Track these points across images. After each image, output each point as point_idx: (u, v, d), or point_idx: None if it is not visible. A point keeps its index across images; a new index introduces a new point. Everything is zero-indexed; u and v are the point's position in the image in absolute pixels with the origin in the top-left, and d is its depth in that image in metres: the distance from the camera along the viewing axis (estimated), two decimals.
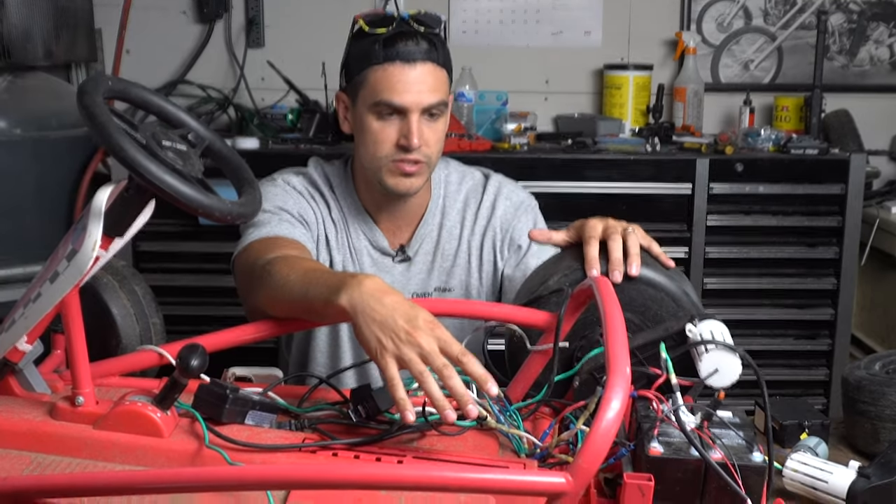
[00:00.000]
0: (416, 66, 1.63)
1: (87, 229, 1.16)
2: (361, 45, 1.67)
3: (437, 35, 1.67)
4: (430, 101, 1.65)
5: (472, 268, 1.83)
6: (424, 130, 1.66)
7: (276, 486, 1.05)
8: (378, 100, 1.64)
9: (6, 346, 1.24)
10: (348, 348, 1.79)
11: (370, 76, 1.65)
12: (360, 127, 1.70)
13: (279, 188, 1.77)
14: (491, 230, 1.82)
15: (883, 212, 3.08)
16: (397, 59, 1.63)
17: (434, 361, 1.17)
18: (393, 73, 1.63)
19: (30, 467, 1.16)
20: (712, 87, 3.34)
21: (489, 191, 1.84)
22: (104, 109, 1.13)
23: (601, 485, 1.14)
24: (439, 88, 1.66)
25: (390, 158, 1.67)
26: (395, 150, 1.66)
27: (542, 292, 1.41)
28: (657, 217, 2.82)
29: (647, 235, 1.44)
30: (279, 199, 1.73)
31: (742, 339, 2.79)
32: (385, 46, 1.63)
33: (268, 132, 3.04)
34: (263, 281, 1.48)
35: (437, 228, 1.82)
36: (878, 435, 1.55)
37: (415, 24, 1.65)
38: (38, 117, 2.78)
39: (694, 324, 1.28)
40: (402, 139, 1.65)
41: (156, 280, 2.77)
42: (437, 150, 1.71)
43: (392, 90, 1.63)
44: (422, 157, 1.67)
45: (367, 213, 1.79)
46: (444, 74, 1.68)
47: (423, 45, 1.64)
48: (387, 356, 1.19)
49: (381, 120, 1.66)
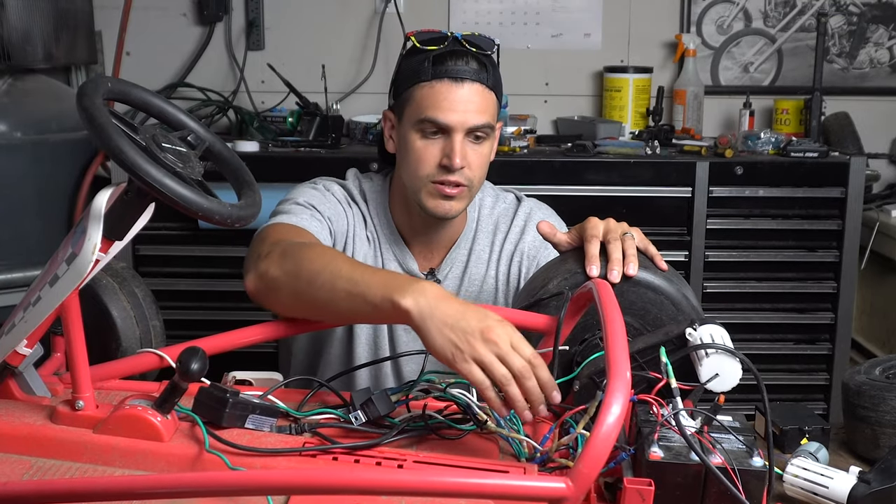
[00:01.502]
0: (463, 84, 1.61)
1: (86, 232, 1.16)
2: (411, 63, 1.65)
3: (488, 57, 1.65)
4: (475, 122, 1.62)
5: (499, 293, 1.80)
6: (468, 152, 1.63)
7: (277, 490, 1.05)
8: (423, 117, 1.62)
9: (6, 349, 1.24)
10: (363, 353, 1.77)
11: (417, 93, 1.63)
12: (404, 145, 1.67)
13: (318, 191, 1.74)
14: (518, 255, 1.79)
15: (883, 215, 3.08)
16: (445, 77, 1.61)
17: (513, 363, 1.18)
18: (440, 91, 1.61)
19: (30, 472, 1.16)
20: (712, 90, 3.34)
21: (520, 215, 1.81)
22: (104, 111, 1.12)
23: (601, 489, 1.13)
24: (486, 110, 1.64)
25: (431, 179, 1.64)
26: (437, 170, 1.64)
27: (543, 295, 1.41)
28: (657, 220, 2.82)
29: (645, 238, 1.45)
30: (315, 199, 1.71)
31: (742, 343, 2.80)
32: (434, 64, 1.61)
33: (268, 135, 3.04)
34: (296, 256, 1.42)
35: (468, 253, 1.79)
36: (878, 440, 1.55)
37: (466, 45, 1.63)
38: (37, 120, 2.79)
39: (694, 328, 1.28)
40: (444, 159, 1.62)
41: (155, 283, 2.77)
42: (481, 174, 1.69)
43: (438, 108, 1.61)
44: (463, 179, 1.64)
45: (399, 235, 1.76)
46: (492, 97, 1.65)
47: (472, 64, 1.62)
48: (466, 361, 1.19)
49: (425, 138, 1.64)
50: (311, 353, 1.84)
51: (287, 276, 1.41)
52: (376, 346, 1.77)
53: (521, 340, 1.21)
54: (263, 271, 1.44)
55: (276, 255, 1.45)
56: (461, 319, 1.21)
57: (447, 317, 1.22)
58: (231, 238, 2.75)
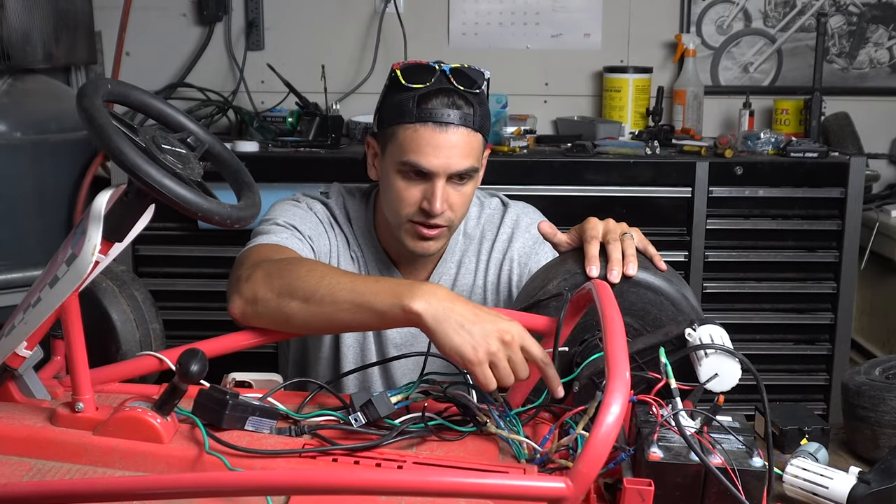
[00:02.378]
0: (448, 130, 1.56)
1: (86, 233, 1.16)
2: (395, 98, 1.60)
3: (476, 94, 1.60)
4: (459, 168, 1.58)
5: (488, 302, 1.77)
6: (451, 194, 1.61)
7: (277, 491, 1.05)
8: (405, 159, 1.58)
9: (6, 351, 1.24)
10: (350, 354, 1.77)
11: (400, 133, 1.59)
12: (386, 181, 1.64)
13: (300, 209, 1.71)
14: (507, 263, 1.76)
15: (883, 215, 3.08)
16: (430, 121, 1.56)
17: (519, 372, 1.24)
18: (423, 135, 1.56)
19: (30, 473, 1.16)
20: (712, 90, 3.34)
21: (506, 223, 1.78)
22: (104, 112, 1.12)
23: (601, 490, 1.14)
24: (471, 154, 1.59)
25: (410, 219, 1.62)
26: (417, 212, 1.61)
27: (542, 296, 1.41)
28: (657, 220, 2.82)
29: (645, 238, 1.45)
30: (296, 219, 1.67)
31: (741, 343, 2.80)
32: (419, 105, 1.56)
33: (267, 135, 3.04)
34: (285, 273, 1.40)
35: (456, 266, 1.77)
36: (878, 441, 1.55)
37: (454, 81, 1.57)
38: (37, 120, 2.78)
39: (693, 328, 1.29)
40: (424, 202, 1.59)
41: (155, 284, 2.77)
42: (463, 212, 1.66)
43: (420, 152, 1.57)
44: (444, 221, 1.62)
45: (384, 253, 1.74)
46: (478, 139, 1.61)
47: (459, 107, 1.57)
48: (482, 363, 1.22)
49: (406, 180, 1.60)
50: (301, 356, 1.84)
51: (278, 295, 1.38)
52: (363, 348, 1.76)
53: (532, 343, 1.24)
54: (250, 294, 1.41)
55: (259, 275, 1.42)
56: (476, 321, 1.24)
57: (462, 318, 1.24)
58: (231, 238, 2.74)
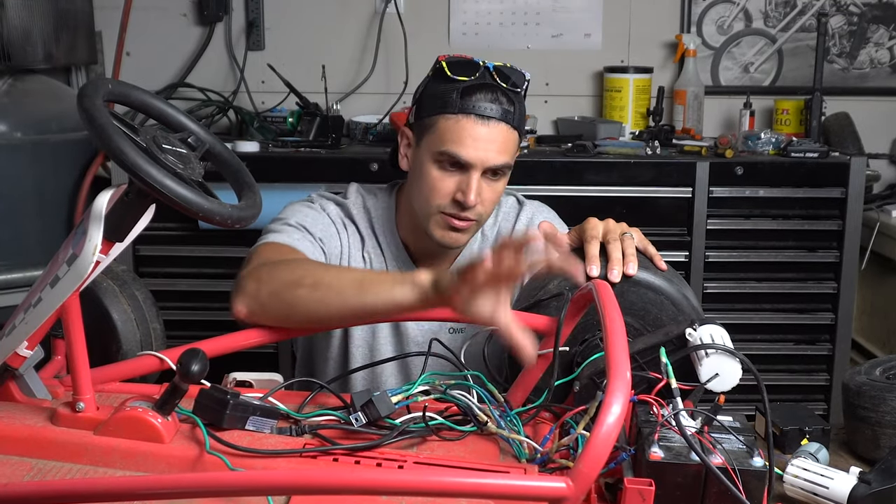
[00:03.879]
0: (489, 123, 1.59)
1: (87, 233, 1.16)
2: (438, 89, 1.61)
3: (518, 94, 1.62)
4: (495, 163, 1.60)
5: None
6: (484, 188, 1.62)
7: (277, 491, 1.05)
8: (443, 149, 1.60)
9: (7, 351, 1.24)
10: (359, 353, 1.77)
11: (441, 123, 1.60)
12: (419, 171, 1.65)
13: (313, 210, 1.72)
14: None
15: (883, 215, 3.08)
16: (472, 114, 1.58)
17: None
18: (465, 127, 1.58)
19: (30, 473, 1.16)
20: (712, 90, 3.34)
21: (521, 219, 1.80)
22: (104, 112, 1.12)
23: (602, 490, 1.14)
24: (507, 150, 1.62)
25: (442, 210, 1.63)
26: (450, 203, 1.62)
27: (543, 296, 1.42)
28: (657, 220, 2.82)
29: (645, 238, 1.45)
30: (308, 220, 1.68)
31: (742, 343, 2.79)
32: (462, 97, 1.58)
33: (268, 135, 3.04)
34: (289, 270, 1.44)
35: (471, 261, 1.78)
36: (878, 441, 1.55)
37: (498, 78, 1.60)
38: (37, 120, 2.78)
39: (694, 328, 1.29)
40: (458, 194, 1.61)
41: (156, 284, 2.77)
42: (491, 209, 1.68)
43: (460, 143, 1.58)
44: (474, 215, 1.63)
45: (404, 249, 1.75)
46: (515, 136, 1.63)
47: (501, 103, 1.59)
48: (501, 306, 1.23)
49: (442, 170, 1.62)
50: (310, 356, 1.85)
51: (284, 286, 1.41)
52: (372, 348, 1.77)
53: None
54: (253, 289, 1.43)
55: (264, 271, 1.45)
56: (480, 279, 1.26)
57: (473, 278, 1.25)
58: (232, 239, 2.74)
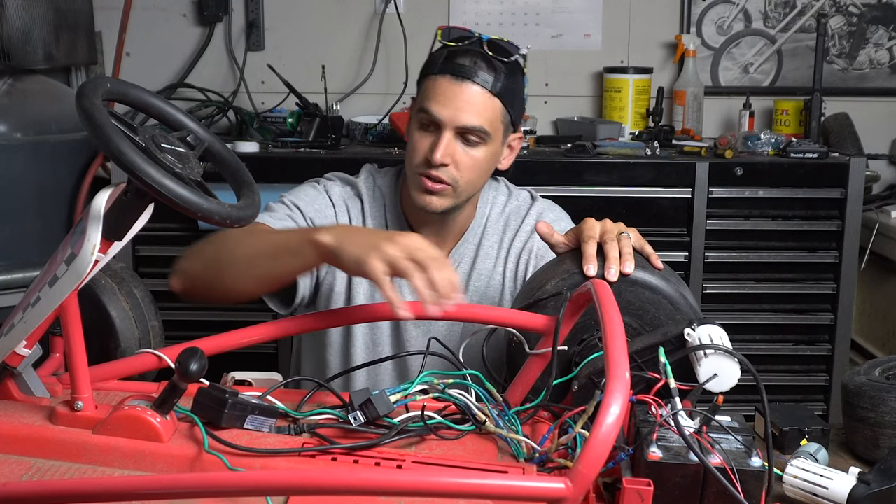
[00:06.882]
0: (463, 83, 1.62)
1: (85, 233, 1.15)
2: (432, 56, 1.70)
3: (504, 63, 1.65)
4: (466, 122, 1.62)
5: (506, 290, 1.80)
6: (458, 151, 1.64)
7: (276, 491, 1.05)
8: (421, 106, 1.66)
9: (5, 350, 1.24)
10: (361, 352, 1.77)
11: (424, 84, 1.68)
12: (408, 134, 1.71)
13: (315, 190, 1.77)
14: (527, 254, 1.79)
15: (883, 216, 3.08)
16: (449, 73, 1.63)
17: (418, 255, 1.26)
18: (441, 84, 1.63)
19: (29, 472, 1.16)
20: (712, 91, 3.34)
21: (531, 215, 1.82)
22: (103, 112, 1.12)
23: (600, 489, 1.13)
24: (482, 115, 1.63)
25: (418, 170, 1.66)
26: (423, 162, 1.65)
27: (541, 296, 1.41)
28: (657, 221, 2.82)
29: (642, 238, 1.45)
30: (305, 199, 1.74)
31: (741, 343, 2.80)
32: (446, 59, 1.65)
33: (267, 135, 3.04)
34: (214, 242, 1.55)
35: (475, 248, 1.80)
36: (877, 441, 1.55)
37: (486, 47, 1.64)
38: (37, 121, 2.78)
39: (693, 328, 1.28)
40: (430, 152, 1.64)
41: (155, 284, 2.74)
42: (470, 177, 1.67)
43: (434, 100, 1.63)
44: (446, 177, 1.65)
45: (409, 227, 1.77)
46: (494, 104, 1.64)
47: (481, 67, 1.63)
48: (372, 259, 1.26)
49: (421, 129, 1.66)
50: (311, 355, 1.85)
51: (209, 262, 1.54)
52: (373, 346, 1.78)
53: (428, 245, 1.30)
54: (185, 267, 1.57)
55: (197, 249, 1.57)
56: (370, 234, 1.36)
57: (361, 234, 1.36)
58: None
